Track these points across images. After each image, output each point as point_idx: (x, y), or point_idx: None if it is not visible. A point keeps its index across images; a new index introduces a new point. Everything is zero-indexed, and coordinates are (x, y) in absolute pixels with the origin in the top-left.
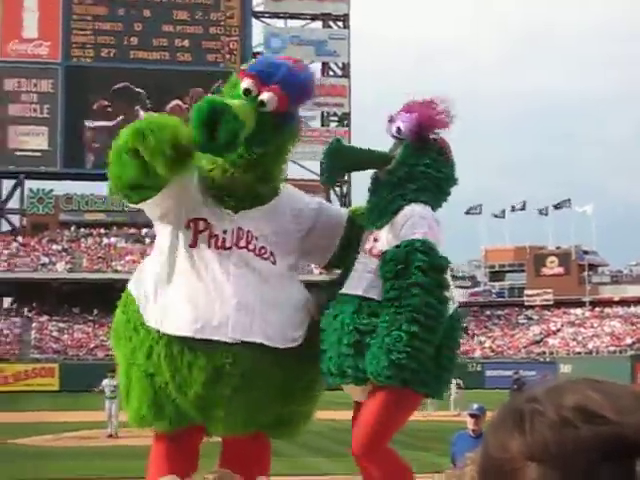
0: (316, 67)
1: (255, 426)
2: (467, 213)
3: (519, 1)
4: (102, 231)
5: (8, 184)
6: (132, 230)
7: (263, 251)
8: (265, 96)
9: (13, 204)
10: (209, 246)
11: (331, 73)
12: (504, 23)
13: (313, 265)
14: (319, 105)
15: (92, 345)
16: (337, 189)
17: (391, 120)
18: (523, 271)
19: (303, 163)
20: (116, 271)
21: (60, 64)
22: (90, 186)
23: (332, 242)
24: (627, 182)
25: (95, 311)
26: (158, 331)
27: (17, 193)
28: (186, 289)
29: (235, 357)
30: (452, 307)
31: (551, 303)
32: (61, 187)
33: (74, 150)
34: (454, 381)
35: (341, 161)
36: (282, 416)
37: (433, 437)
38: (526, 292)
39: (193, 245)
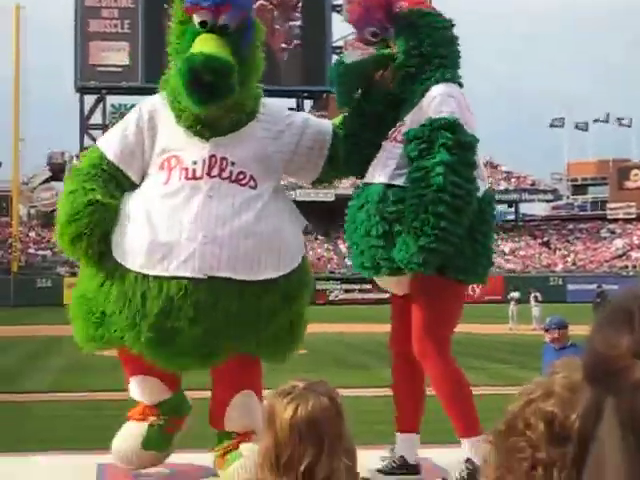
0: None
1: (214, 357)
2: (551, 126)
3: None
4: None
5: (90, 100)
6: None
7: (242, 176)
8: (224, 19)
9: (95, 120)
10: (179, 179)
11: None
12: None
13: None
14: None
15: None
16: None
17: (359, 30)
18: (606, 184)
19: None
20: None
21: None
22: None
23: (318, 161)
24: None
25: None
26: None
27: (99, 109)
28: (150, 226)
29: (187, 288)
30: (482, 188)
31: (634, 216)
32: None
33: (155, 64)
34: (532, 294)
35: (350, 81)
36: (260, 340)
37: (514, 350)
38: (609, 205)
39: (166, 182)
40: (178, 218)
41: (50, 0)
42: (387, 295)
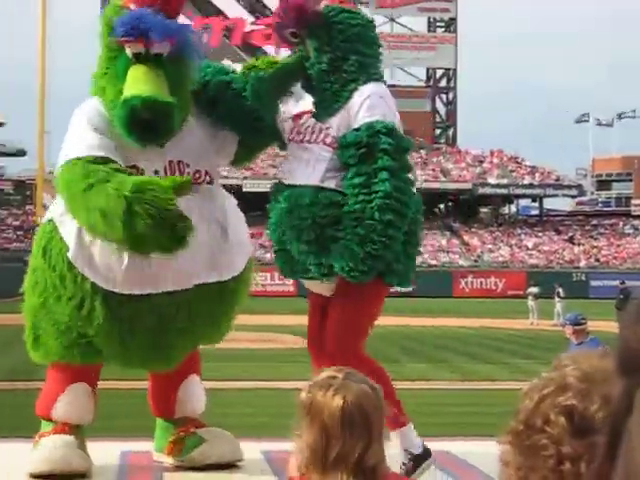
0: None
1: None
2: (577, 122)
3: None
4: None
5: None
6: None
7: (198, 175)
8: (157, 49)
9: None
10: None
11: None
12: None
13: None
14: (425, 10)
15: None
16: (443, 96)
17: (278, 31)
18: (630, 180)
19: (409, 70)
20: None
21: None
22: None
23: (235, 137)
24: None
25: None
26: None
27: None
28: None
29: (175, 300)
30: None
31: None
32: None
33: None
34: (555, 290)
35: (268, 95)
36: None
37: (535, 345)
38: (633, 202)
39: None
40: None
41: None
42: (410, 289)
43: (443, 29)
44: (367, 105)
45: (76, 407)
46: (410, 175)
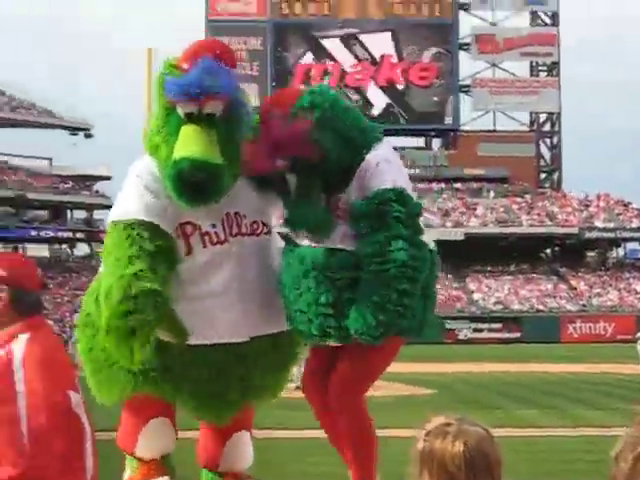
0: (525, 16)
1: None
2: None
3: None
4: None
5: None
6: None
7: (255, 226)
8: (209, 108)
9: None
10: (204, 246)
11: (539, 22)
12: None
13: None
14: (527, 55)
15: None
16: (547, 140)
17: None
18: None
19: (512, 114)
20: None
21: (267, 21)
22: None
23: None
24: None
25: None
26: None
27: None
28: (186, 300)
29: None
30: (430, 246)
31: None
32: None
33: None
34: None
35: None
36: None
37: None
38: None
39: (189, 253)
40: (220, 294)
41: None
42: (518, 335)
43: (546, 73)
44: (377, 171)
45: (158, 439)
46: (423, 237)
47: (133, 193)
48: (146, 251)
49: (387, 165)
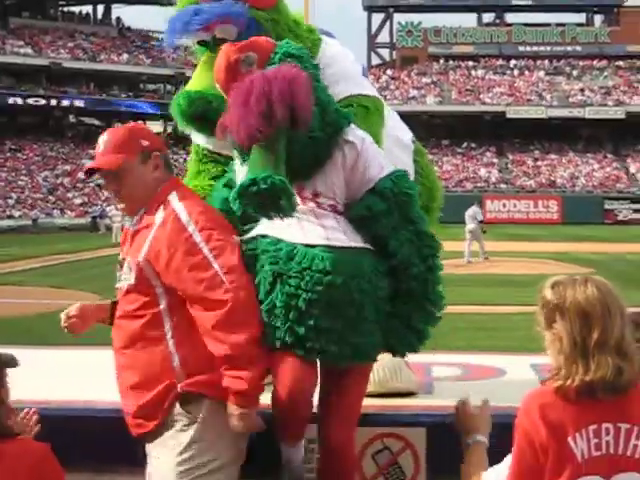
0: None
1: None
2: None
3: None
4: (470, 63)
5: (377, 18)
6: (500, 62)
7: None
8: (219, 32)
9: (382, 38)
10: None
11: None
12: None
13: None
14: None
15: (461, 177)
16: None
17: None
18: None
19: None
20: (484, 103)
21: None
22: (458, 18)
23: None
24: None
25: (464, 143)
26: None
27: (386, 27)
28: None
29: None
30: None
31: None
32: (429, 20)
33: None
34: None
35: None
36: None
37: None
38: None
39: None
40: None
41: None
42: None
43: None
44: (368, 159)
45: None
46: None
47: None
48: None
49: (373, 150)
